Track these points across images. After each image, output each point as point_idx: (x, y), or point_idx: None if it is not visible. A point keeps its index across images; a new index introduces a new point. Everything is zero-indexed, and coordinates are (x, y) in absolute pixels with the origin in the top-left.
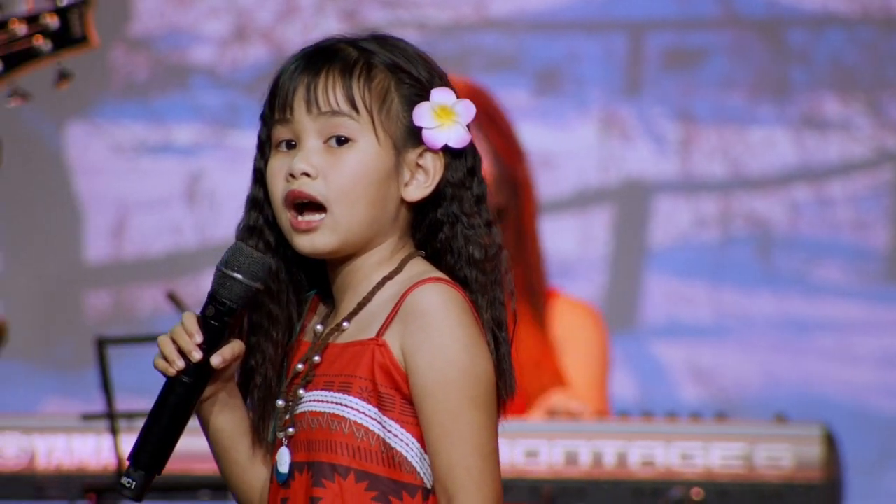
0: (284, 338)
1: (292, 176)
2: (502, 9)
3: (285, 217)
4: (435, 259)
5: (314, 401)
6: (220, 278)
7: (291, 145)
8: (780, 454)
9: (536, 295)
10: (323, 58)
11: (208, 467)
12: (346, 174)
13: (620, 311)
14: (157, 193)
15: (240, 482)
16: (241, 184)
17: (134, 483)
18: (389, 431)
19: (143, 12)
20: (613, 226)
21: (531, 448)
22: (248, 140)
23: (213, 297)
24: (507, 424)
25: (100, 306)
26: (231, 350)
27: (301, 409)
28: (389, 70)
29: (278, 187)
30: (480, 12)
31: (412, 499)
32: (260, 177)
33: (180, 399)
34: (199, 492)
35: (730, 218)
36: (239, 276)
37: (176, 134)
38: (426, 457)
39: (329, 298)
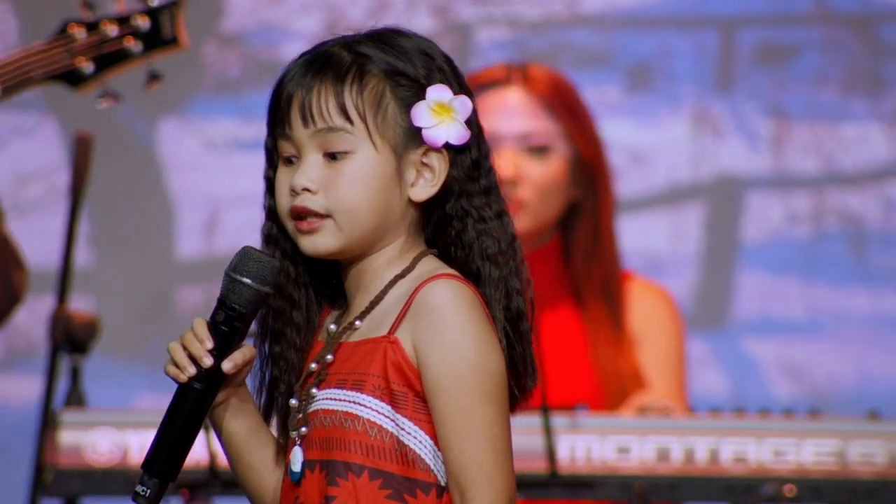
0: (305, 342)
1: (294, 191)
2: (594, 5)
3: (291, 225)
4: (446, 254)
5: (327, 399)
6: (230, 283)
7: (294, 157)
8: (874, 451)
9: (612, 294)
10: (316, 67)
11: None
12: (346, 186)
13: (712, 307)
14: (249, 189)
15: (254, 485)
16: None
17: (148, 491)
18: (403, 429)
19: (234, 9)
20: (705, 222)
21: (622, 444)
22: None
23: (222, 303)
24: (599, 420)
25: (192, 302)
26: (242, 355)
27: (313, 407)
28: (384, 74)
29: (283, 201)
30: (572, 9)
31: (426, 496)
32: (270, 186)
33: (192, 405)
34: None
35: (822, 214)
36: (248, 281)
37: None
38: (439, 454)
39: (342, 299)
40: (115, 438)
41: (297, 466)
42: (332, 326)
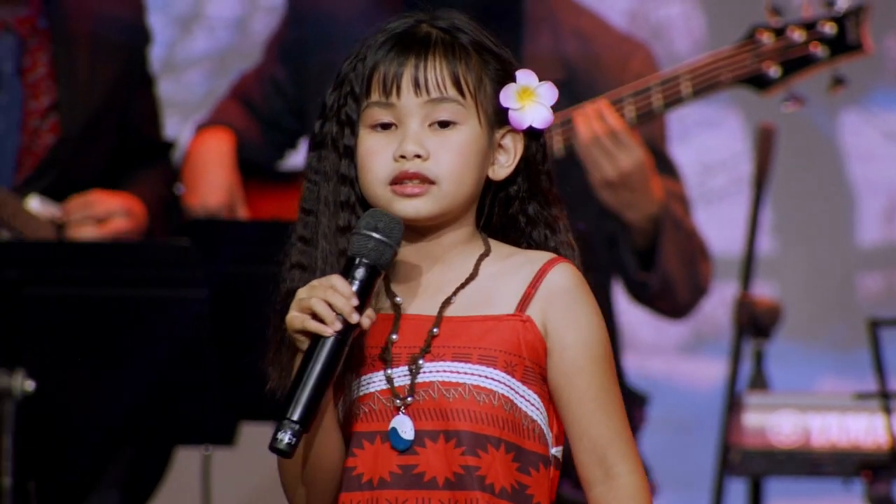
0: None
1: (403, 157)
2: None
3: (384, 191)
4: (500, 234)
5: (443, 371)
6: (375, 244)
7: (387, 125)
8: None
9: None
10: (420, 41)
11: None
12: (455, 155)
13: None
14: None
15: (330, 449)
16: None
17: (294, 440)
18: (532, 405)
19: None
20: None
21: None
22: None
23: (361, 261)
24: None
25: (873, 288)
26: (373, 312)
27: (424, 378)
28: (475, 51)
29: (380, 166)
30: None
31: (546, 469)
32: (349, 153)
33: (331, 358)
34: None
35: None
36: (387, 241)
37: None
38: (549, 429)
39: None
40: (798, 420)
41: (408, 434)
42: (399, 299)
